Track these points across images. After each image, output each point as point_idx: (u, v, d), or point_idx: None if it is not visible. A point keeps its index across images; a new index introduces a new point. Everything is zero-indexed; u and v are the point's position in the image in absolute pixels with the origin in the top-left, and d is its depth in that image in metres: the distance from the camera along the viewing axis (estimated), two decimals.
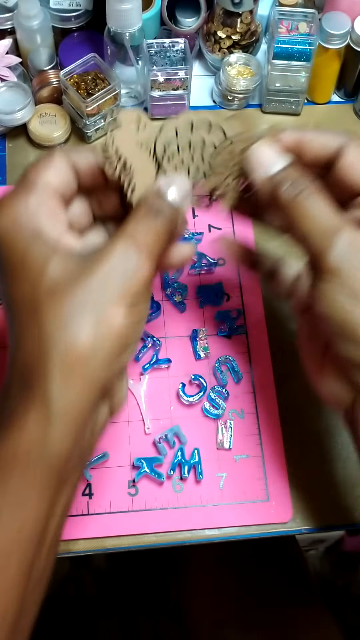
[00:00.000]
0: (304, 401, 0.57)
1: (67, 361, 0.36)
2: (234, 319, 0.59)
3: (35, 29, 0.65)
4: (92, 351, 0.36)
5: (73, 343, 0.36)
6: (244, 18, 0.67)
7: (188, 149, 0.43)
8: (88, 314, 0.36)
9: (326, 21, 0.64)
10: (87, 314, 0.36)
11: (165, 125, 0.43)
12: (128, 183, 0.41)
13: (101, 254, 0.38)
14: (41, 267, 0.37)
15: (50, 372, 0.35)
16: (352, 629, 1.09)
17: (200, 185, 0.44)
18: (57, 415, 0.35)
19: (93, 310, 0.36)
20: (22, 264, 0.38)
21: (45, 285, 0.37)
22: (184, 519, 0.52)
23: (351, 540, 1.17)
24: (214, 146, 0.43)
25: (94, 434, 0.40)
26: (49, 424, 0.35)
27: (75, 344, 0.36)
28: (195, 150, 0.43)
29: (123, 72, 0.66)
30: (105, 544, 0.52)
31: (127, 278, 0.37)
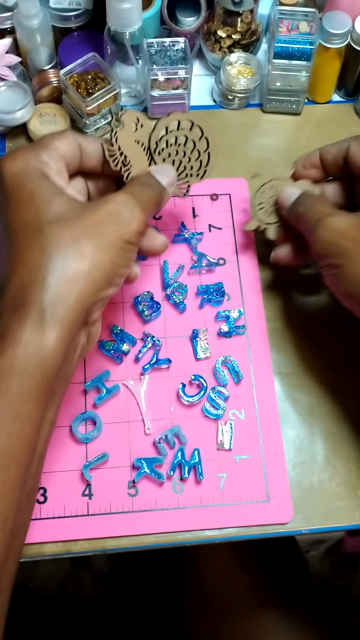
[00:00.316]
0: (304, 401, 0.57)
1: (64, 278, 0.40)
2: (234, 319, 0.59)
3: (35, 28, 0.65)
4: (87, 274, 0.40)
5: (72, 263, 0.40)
6: (244, 17, 0.67)
7: (174, 143, 0.52)
8: (87, 242, 0.41)
9: (327, 20, 0.64)
10: (87, 242, 0.41)
11: (158, 124, 0.51)
12: (127, 175, 0.49)
13: (104, 200, 0.44)
14: (48, 201, 0.42)
15: (48, 286, 0.39)
16: (352, 629, 1.09)
17: (181, 182, 0.54)
18: (51, 326, 0.39)
19: (92, 241, 0.41)
20: (30, 198, 0.42)
21: (51, 215, 0.41)
22: (184, 519, 0.52)
23: (351, 541, 1.17)
24: (192, 142, 0.53)
25: (76, 358, 0.43)
26: (43, 335, 0.39)
27: (73, 264, 0.40)
28: (180, 145, 0.52)
29: (123, 71, 0.66)
30: (105, 544, 0.52)
31: (124, 222, 0.43)
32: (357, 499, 0.54)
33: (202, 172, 0.54)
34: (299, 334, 0.60)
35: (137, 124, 0.50)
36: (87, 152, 0.48)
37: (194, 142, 0.53)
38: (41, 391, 0.39)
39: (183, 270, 0.61)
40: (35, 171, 0.44)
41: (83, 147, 0.48)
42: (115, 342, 0.57)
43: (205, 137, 0.53)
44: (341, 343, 0.59)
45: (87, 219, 0.42)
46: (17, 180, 0.43)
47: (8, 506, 0.38)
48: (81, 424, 0.55)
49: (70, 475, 0.53)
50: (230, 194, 0.65)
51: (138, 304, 0.58)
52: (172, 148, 0.52)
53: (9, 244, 0.42)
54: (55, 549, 0.51)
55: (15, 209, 0.42)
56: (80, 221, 0.42)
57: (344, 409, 0.57)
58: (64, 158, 0.46)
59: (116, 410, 0.56)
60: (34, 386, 0.39)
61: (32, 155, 0.44)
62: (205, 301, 0.60)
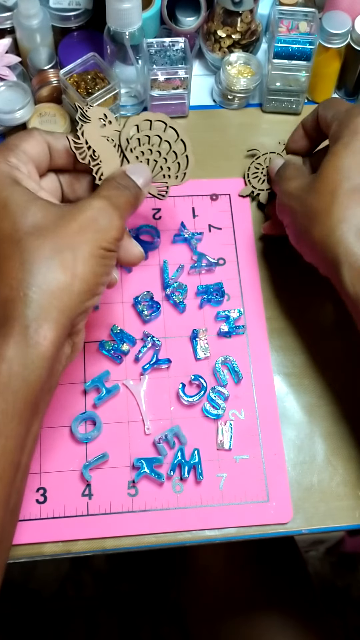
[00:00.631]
0: (304, 401, 0.57)
1: (47, 292, 0.39)
2: (234, 319, 0.59)
3: (35, 28, 0.65)
4: (69, 287, 0.40)
5: (53, 276, 0.39)
6: (244, 17, 0.67)
7: (147, 142, 0.51)
8: (68, 254, 0.40)
9: (326, 20, 0.64)
10: (67, 254, 0.40)
11: (128, 122, 0.51)
12: (97, 169, 0.48)
13: (81, 206, 0.43)
14: (22, 209, 0.41)
15: (31, 301, 0.38)
16: (352, 629, 1.09)
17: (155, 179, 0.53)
18: (35, 344, 0.38)
19: (72, 252, 0.40)
20: (3, 207, 0.41)
21: (28, 225, 0.40)
22: (184, 519, 0.52)
23: (351, 541, 1.17)
24: (168, 143, 0.52)
25: (60, 369, 0.43)
26: (27, 354, 0.38)
27: (55, 277, 0.39)
28: (153, 145, 0.52)
29: (123, 71, 0.66)
30: (105, 544, 0.52)
31: (102, 230, 0.42)
32: (357, 499, 0.54)
33: (181, 175, 0.53)
34: (299, 334, 0.60)
35: (105, 120, 0.50)
36: (57, 150, 0.47)
37: (169, 143, 0.52)
38: (26, 407, 0.39)
39: (183, 270, 0.61)
40: (5, 177, 0.42)
41: (52, 145, 0.47)
42: (115, 342, 0.57)
43: (181, 140, 0.53)
44: (341, 343, 0.59)
45: (65, 228, 0.41)
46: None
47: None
48: (81, 424, 0.55)
49: (70, 475, 0.53)
50: (230, 194, 0.65)
51: (138, 304, 0.58)
52: (145, 147, 0.51)
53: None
54: (55, 549, 0.51)
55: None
56: (59, 230, 0.41)
57: (344, 409, 0.57)
58: (33, 160, 0.45)
59: (116, 410, 0.56)
60: (18, 403, 0.38)
61: (2, 160, 0.43)
62: (205, 301, 0.60)
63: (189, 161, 0.53)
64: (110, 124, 0.50)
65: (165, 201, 0.55)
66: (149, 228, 0.62)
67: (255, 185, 0.64)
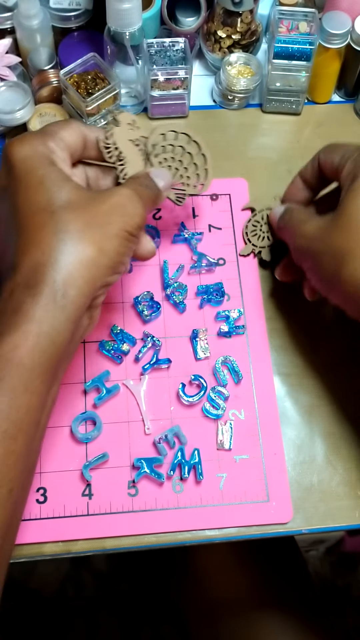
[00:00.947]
0: (304, 401, 0.57)
1: (75, 261, 0.42)
2: (234, 319, 0.59)
3: (35, 29, 0.65)
4: (95, 260, 0.42)
5: (82, 248, 0.42)
6: (244, 17, 0.67)
7: (171, 151, 0.55)
8: (97, 230, 0.43)
9: (326, 21, 0.64)
10: (96, 230, 0.43)
11: (156, 130, 0.55)
12: (122, 169, 0.51)
13: (110, 192, 0.46)
14: (58, 186, 0.44)
15: (61, 267, 0.41)
16: (352, 629, 1.09)
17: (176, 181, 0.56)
18: (62, 307, 0.41)
19: (100, 229, 0.43)
20: (40, 182, 0.44)
21: (62, 200, 0.43)
22: (184, 519, 0.52)
23: (351, 541, 1.17)
24: (190, 155, 0.56)
25: (78, 338, 0.45)
26: (54, 316, 0.41)
27: (83, 249, 0.42)
28: (176, 154, 0.55)
29: (123, 71, 0.66)
30: (105, 544, 0.52)
31: (128, 214, 0.45)
32: (356, 499, 0.54)
33: (199, 186, 0.57)
34: (299, 334, 0.60)
35: (133, 125, 0.53)
36: (91, 142, 0.50)
37: (190, 155, 0.56)
38: (50, 367, 0.41)
39: (183, 270, 0.61)
40: (43, 157, 0.45)
41: (86, 137, 0.50)
42: (115, 342, 0.57)
43: (202, 154, 0.56)
44: (341, 343, 0.59)
45: (95, 208, 0.44)
46: (26, 164, 0.45)
47: (14, 476, 0.39)
48: (81, 424, 0.55)
49: (70, 475, 0.53)
50: (230, 194, 0.65)
51: (138, 304, 0.58)
52: (168, 155, 0.55)
53: (17, 225, 0.43)
54: (55, 548, 0.51)
55: (25, 192, 0.44)
56: (90, 209, 0.44)
57: (344, 409, 0.57)
58: (69, 147, 0.48)
59: (116, 410, 0.56)
60: (45, 362, 0.40)
61: (39, 142, 0.46)
62: (205, 301, 0.60)
63: (207, 174, 0.56)
64: (138, 129, 0.54)
65: (166, 201, 0.56)
66: (149, 228, 0.62)
67: (255, 243, 0.62)
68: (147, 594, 1.09)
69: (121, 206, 0.45)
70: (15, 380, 0.39)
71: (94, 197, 0.45)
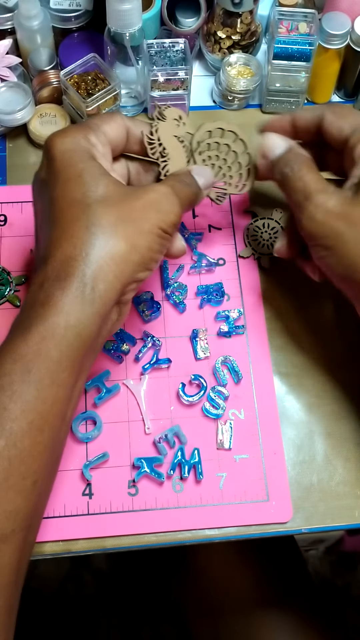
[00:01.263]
0: (304, 401, 0.57)
1: (106, 256, 0.42)
2: (234, 319, 0.59)
3: (36, 29, 0.65)
4: (127, 255, 0.43)
5: (114, 243, 0.42)
6: (244, 18, 0.67)
7: (216, 149, 0.54)
8: (129, 225, 0.43)
9: (326, 21, 0.64)
10: (129, 225, 0.43)
11: (202, 126, 0.54)
12: (164, 165, 0.51)
13: (147, 188, 0.46)
14: (95, 180, 0.44)
15: (91, 261, 0.41)
16: (352, 629, 1.09)
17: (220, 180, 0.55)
18: (90, 302, 0.41)
19: (133, 225, 0.43)
20: (78, 176, 0.44)
21: (98, 194, 0.43)
22: (184, 518, 0.52)
23: (351, 540, 1.17)
24: (235, 153, 0.55)
25: (106, 333, 0.45)
26: (82, 310, 0.41)
27: (115, 244, 0.42)
28: (221, 152, 0.54)
29: (123, 72, 0.66)
30: (105, 543, 0.52)
31: (164, 212, 0.45)
32: (356, 499, 0.54)
33: (241, 186, 0.56)
34: (299, 333, 0.60)
35: (180, 121, 0.53)
36: (134, 136, 0.50)
37: (235, 153, 0.55)
38: (76, 360, 0.41)
39: (183, 270, 0.61)
40: (84, 151, 0.45)
41: (130, 130, 0.50)
42: (116, 342, 0.57)
43: (247, 152, 0.55)
44: (341, 343, 0.59)
45: (130, 204, 0.44)
46: (66, 158, 0.45)
47: (39, 467, 0.40)
48: (81, 423, 0.55)
49: (71, 474, 0.53)
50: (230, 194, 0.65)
51: (138, 304, 0.59)
52: (213, 152, 0.54)
53: (52, 217, 0.44)
54: (56, 548, 0.52)
55: (63, 185, 0.44)
56: (124, 205, 0.44)
57: (344, 408, 0.57)
58: (110, 142, 0.49)
59: (116, 410, 0.56)
60: (72, 354, 0.41)
61: (81, 136, 0.46)
62: (205, 301, 0.60)
63: (250, 175, 0.56)
64: (184, 125, 0.53)
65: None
66: None
67: (255, 247, 0.62)
68: (147, 593, 1.09)
69: (157, 203, 0.45)
70: (42, 372, 0.39)
71: (130, 192, 0.45)
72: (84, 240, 0.42)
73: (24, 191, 0.64)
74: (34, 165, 0.66)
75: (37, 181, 0.48)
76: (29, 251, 0.61)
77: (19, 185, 0.65)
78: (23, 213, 0.63)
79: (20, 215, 0.63)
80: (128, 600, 1.10)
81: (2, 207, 0.63)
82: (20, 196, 0.64)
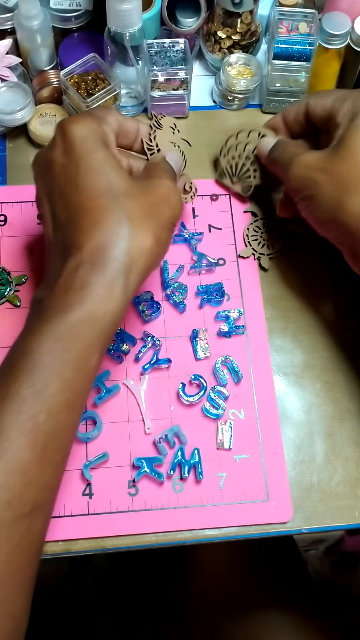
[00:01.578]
0: (304, 401, 0.57)
1: (137, 247, 0.44)
2: (234, 319, 0.59)
3: (36, 29, 0.65)
4: (152, 249, 0.45)
5: (143, 236, 0.45)
6: (244, 18, 0.67)
7: (242, 150, 0.62)
8: (152, 220, 0.46)
9: (326, 21, 0.64)
10: (152, 220, 0.46)
11: (230, 138, 0.63)
12: None
13: (156, 182, 0.49)
14: (117, 172, 0.46)
15: (125, 252, 0.44)
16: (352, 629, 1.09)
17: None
18: (124, 287, 0.44)
19: (155, 220, 0.46)
20: (101, 165, 0.46)
21: (121, 187, 0.46)
22: (184, 519, 0.52)
23: (351, 540, 1.17)
24: (251, 152, 0.62)
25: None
26: (116, 294, 0.43)
27: (145, 238, 0.45)
28: (246, 151, 0.62)
29: (123, 72, 0.66)
30: (105, 544, 0.52)
31: (173, 206, 0.48)
32: (356, 498, 0.54)
33: (258, 178, 0.62)
34: (299, 333, 0.60)
35: (175, 128, 0.57)
36: (124, 130, 0.52)
37: (253, 152, 0.62)
38: (105, 345, 0.44)
39: (183, 270, 0.61)
40: (101, 140, 0.47)
41: (121, 125, 0.52)
42: (116, 342, 0.57)
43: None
44: (341, 343, 0.59)
45: (149, 198, 0.47)
46: (86, 145, 0.46)
47: (67, 444, 0.43)
48: (81, 423, 0.55)
49: (71, 474, 0.53)
50: (230, 194, 0.65)
51: (138, 304, 0.59)
52: (237, 152, 0.62)
53: (80, 204, 0.45)
54: (56, 548, 0.52)
55: (86, 173, 0.46)
56: (144, 199, 0.46)
57: (344, 408, 0.57)
58: (114, 132, 0.50)
59: (116, 410, 0.56)
60: (103, 339, 0.43)
61: (96, 125, 0.48)
62: (205, 301, 0.60)
63: (258, 169, 0.61)
64: (179, 133, 0.57)
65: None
66: None
67: (255, 248, 0.62)
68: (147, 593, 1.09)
69: (167, 198, 0.48)
70: (79, 352, 0.42)
71: (143, 187, 0.48)
72: (116, 232, 0.44)
73: (24, 191, 0.64)
74: None
75: (50, 162, 0.48)
76: (29, 251, 0.61)
77: (19, 185, 0.65)
78: (23, 213, 0.63)
79: (20, 215, 0.63)
80: (128, 600, 1.10)
81: (2, 207, 0.63)
82: (20, 196, 0.64)
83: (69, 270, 0.44)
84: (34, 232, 0.62)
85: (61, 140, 0.47)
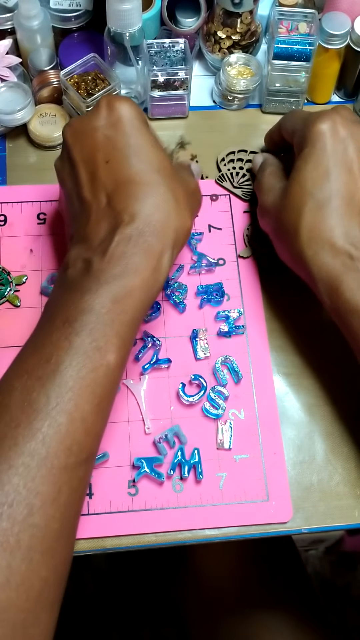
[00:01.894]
0: (304, 401, 0.57)
1: (181, 230, 0.48)
2: (234, 319, 0.59)
3: (36, 29, 0.65)
4: (189, 232, 0.49)
5: (185, 219, 0.48)
6: (244, 18, 0.67)
7: (242, 162, 0.67)
8: (190, 206, 0.50)
9: (326, 21, 0.64)
10: (190, 206, 0.50)
11: (223, 151, 0.67)
12: None
13: (185, 178, 0.53)
14: (162, 154, 0.49)
15: (173, 232, 0.47)
16: (352, 629, 1.09)
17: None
18: (166, 266, 0.47)
19: (191, 207, 0.50)
20: (150, 145, 0.48)
21: (167, 169, 0.49)
22: (184, 518, 0.52)
23: (351, 540, 1.17)
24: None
25: None
26: (161, 268, 0.46)
27: (186, 220, 0.48)
28: (243, 161, 0.67)
29: (123, 72, 0.66)
30: (105, 543, 0.52)
31: (199, 201, 0.54)
32: (356, 498, 0.54)
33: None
34: (299, 334, 0.60)
35: (194, 158, 0.66)
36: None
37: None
38: (146, 312, 0.47)
39: (183, 270, 0.61)
40: (144, 120, 0.50)
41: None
42: None
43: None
44: (341, 343, 0.59)
45: (185, 187, 0.50)
46: (135, 123, 0.48)
47: (113, 397, 0.45)
48: None
49: None
50: (230, 194, 0.65)
51: None
52: (236, 164, 0.67)
53: (130, 175, 0.47)
54: None
55: (137, 149, 0.48)
56: (184, 186, 0.50)
57: (344, 408, 0.57)
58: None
59: (116, 410, 0.56)
60: (147, 306, 0.46)
61: (136, 106, 0.50)
62: (205, 301, 0.60)
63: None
64: (197, 163, 0.63)
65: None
66: None
67: (255, 248, 0.63)
68: (147, 593, 1.09)
69: (196, 192, 0.53)
70: (133, 316, 0.45)
71: (179, 178, 0.50)
72: (166, 209, 0.47)
73: (24, 191, 0.64)
74: (34, 165, 0.67)
75: (93, 129, 0.49)
76: (29, 251, 0.61)
77: (19, 185, 0.65)
78: (23, 213, 0.63)
79: (20, 215, 0.63)
80: (128, 600, 1.10)
81: (2, 207, 0.63)
82: (20, 196, 0.64)
83: (123, 236, 0.46)
84: (34, 232, 0.62)
85: (108, 113, 0.49)
